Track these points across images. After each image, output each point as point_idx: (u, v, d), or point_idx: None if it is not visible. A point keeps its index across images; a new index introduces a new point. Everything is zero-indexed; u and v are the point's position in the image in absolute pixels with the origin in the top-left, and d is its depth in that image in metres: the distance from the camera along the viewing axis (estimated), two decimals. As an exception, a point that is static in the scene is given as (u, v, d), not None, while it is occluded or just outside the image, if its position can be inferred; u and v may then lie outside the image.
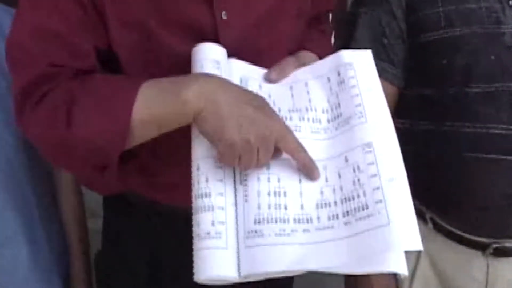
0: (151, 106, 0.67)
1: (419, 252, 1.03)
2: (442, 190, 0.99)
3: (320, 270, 0.65)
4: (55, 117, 0.68)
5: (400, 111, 1.04)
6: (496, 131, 0.90)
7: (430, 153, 0.98)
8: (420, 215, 1.02)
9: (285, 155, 0.71)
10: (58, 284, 0.97)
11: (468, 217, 0.97)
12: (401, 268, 0.66)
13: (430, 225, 1.02)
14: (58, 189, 1.01)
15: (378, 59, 0.98)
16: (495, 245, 0.96)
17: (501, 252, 0.97)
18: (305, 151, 0.70)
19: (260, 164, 0.69)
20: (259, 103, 0.69)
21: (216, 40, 0.76)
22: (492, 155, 0.91)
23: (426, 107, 0.99)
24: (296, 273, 0.66)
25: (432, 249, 1.03)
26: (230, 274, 0.65)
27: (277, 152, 0.70)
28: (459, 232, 0.99)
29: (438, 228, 1.01)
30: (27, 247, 0.90)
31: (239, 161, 0.67)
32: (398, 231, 0.62)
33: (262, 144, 0.67)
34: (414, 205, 1.01)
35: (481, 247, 0.98)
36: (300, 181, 0.71)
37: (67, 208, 1.01)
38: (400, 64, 1.00)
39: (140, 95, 0.67)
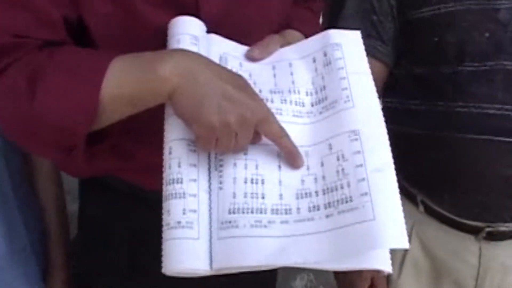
0: (123, 81, 0.62)
1: (409, 236, 1.01)
2: (434, 173, 0.96)
3: (298, 265, 0.61)
4: (17, 89, 0.63)
5: (389, 90, 1.01)
6: (491, 111, 0.87)
7: (421, 134, 0.95)
8: (411, 198, 1.01)
9: (264, 140, 0.67)
10: (36, 270, 0.94)
11: (461, 200, 0.94)
12: (385, 265, 0.62)
13: (421, 208, 1.00)
14: (35, 171, 0.97)
15: (367, 36, 0.95)
16: (488, 229, 0.93)
17: (494, 236, 0.94)
18: (288, 136, 0.66)
19: (238, 149, 0.65)
20: (240, 83, 0.65)
21: (197, 14, 0.71)
22: (486, 136, 0.87)
23: (417, 86, 0.95)
24: (272, 268, 0.62)
25: (423, 233, 1.01)
26: (201, 267, 0.61)
27: (256, 136, 0.66)
28: (451, 216, 0.96)
29: (429, 212, 0.99)
30: (2, 232, 0.86)
31: (215, 144, 0.63)
32: (384, 227, 0.58)
33: (242, 127, 0.62)
34: (405, 187, 1.01)
35: (474, 231, 0.95)
36: (279, 168, 0.67)
37: (45, 190, 0.98)
38: (390, 42, 0.96)
39: (111, 69, 0.62)
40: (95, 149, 0.72)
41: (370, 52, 0.96)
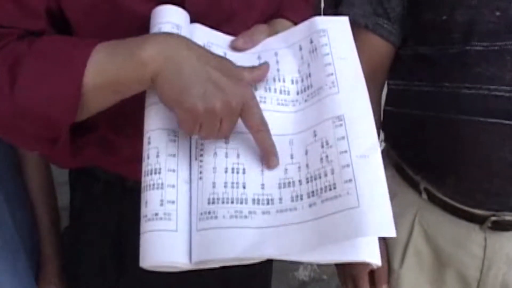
0: (105, 68, 0.61)
1: (412, 225, 0.98)
2: (438, 158, 0.91)
3: (280, 257, 0.58)
4: None
5: (395, 71, 0.98)
6: (499, 93, 0.82)
7: (426, 117, 0.91)
8: (414, 185, 0.97)
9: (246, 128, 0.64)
10: (26, 262, 0.92)
11: (463, 185, 0.89)
12: (373, 256, 0.59)
13: (425, 196, 0.96)
14: (23, 161, 0.95)
15: (373, 13, 0.92)
16: (493, 218, 0.89)
17: (500, 226, 0.90)
18: (267, 130, 0.64)
19: (222, 135, 0.63)
20: (226, 66, 0.63)
21: (182, 3, 0.69)
22: (493, 119, 0.83)
23: (423, 67, 0.91)
24: (254, 261, 0.60)
25: (426, 222, 0.97)
26: (180, 260, 0.59)
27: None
28: (455, 204, 0.92)
29: (433, 200, 0.95)
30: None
31: (199, 129, 0.61)
32: (369, 214, 0.55)
33: (227, 114, 0.60)
34: (408, 175, 0.97)
35: (479, 220, 0.91)
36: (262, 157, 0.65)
37: (33, 181, 0.96)
38: (397, 20, 0.92)
39: (94, 56, 0.61)
40: (80, 142, 0.70)
41: (377, 30, 0.92)
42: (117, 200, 0.86)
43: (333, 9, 0.97)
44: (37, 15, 0.66)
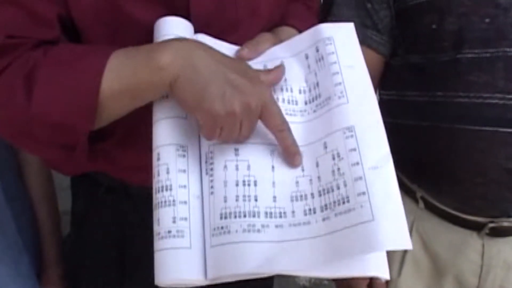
0: (122, 75, 0.61)
1: (410, 233, 0.96)
2: (434, 167, 0.92)
3: (293, 272, 0.58)
4: (14, 88, 0.61)
5: (386, 82, 0.98)
6: (492, 101, 0.83)
7: (420, 127, 0.91)
8: (410, 194, 0.97)
9: (256, 139, 0.64)
10: (29, 265, 0.92)
11: (462, 195, 0.90)
12: (383, 271, 0.59)
13: (422, 204, 0.96)
14: (25, 166, 0.95)
15: (362, 25, 0.91)
16: (491, 225, 0.90)
17: (497, 232, 0.91)
18: (289, 129, 0.64)
19: (242, 137, 0.63)
20: (243, 68, 0.63)
21: (187, 13, 0.69)
22: (487, 127, 0.83)
23: (415, 77, 0.91)
24: (268, 275, 0.59)
25: (424, 230, 0.97)
26: (195, 277, 0.58)
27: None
28: (452, 212, 0.93)
29: (429, 208, 0.95)
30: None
31: (220, 133, 0.61)
32: (384, 227, 0.54)
33: (247, 115, 0.60)
34: (404, 183, 0.98)
35: (477, 227, 0.91)
36: (273, 168, 0.64)
37: (35, 185, 0.97)
38: (386, 31, 0.92)
39: (110, 63, 0.61)
40: (95, 149, 0.70)
41: (366, 42, 0.92)
42: (119, 206, 0.85)
43: (323, 21, 0.97)
44: (49, 24, 0.66)
